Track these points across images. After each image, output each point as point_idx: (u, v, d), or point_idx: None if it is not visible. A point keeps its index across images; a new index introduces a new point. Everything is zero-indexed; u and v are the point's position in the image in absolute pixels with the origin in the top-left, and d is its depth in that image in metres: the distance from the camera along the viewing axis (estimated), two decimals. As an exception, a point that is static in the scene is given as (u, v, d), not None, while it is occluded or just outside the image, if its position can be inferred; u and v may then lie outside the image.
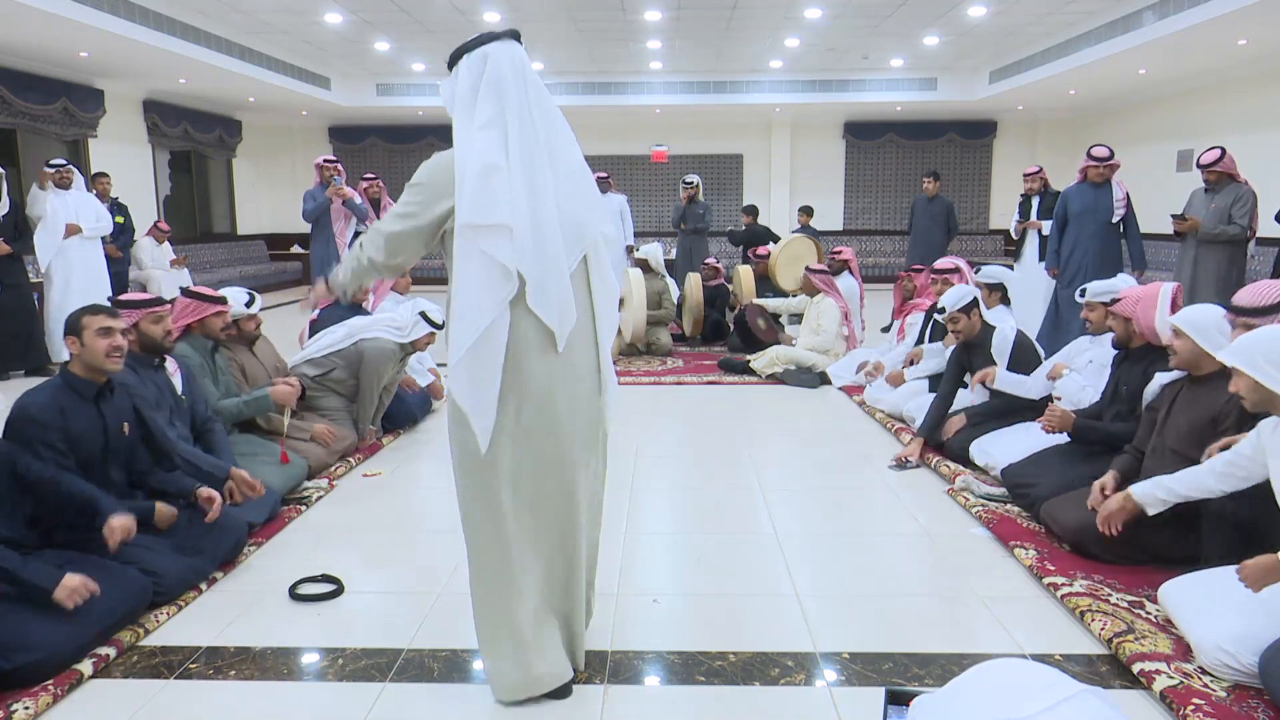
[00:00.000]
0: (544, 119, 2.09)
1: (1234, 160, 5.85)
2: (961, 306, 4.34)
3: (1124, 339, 3.51)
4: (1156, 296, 3.39)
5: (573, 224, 2.09)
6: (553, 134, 2.10)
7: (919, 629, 2.65)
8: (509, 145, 2.03)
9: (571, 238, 2.09)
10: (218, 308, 3.89)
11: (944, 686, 1.07)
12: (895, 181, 14.52)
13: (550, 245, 2.04)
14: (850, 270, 7.11)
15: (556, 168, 2.09)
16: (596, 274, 2.18)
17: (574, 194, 2.11)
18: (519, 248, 2.01)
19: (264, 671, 2.43)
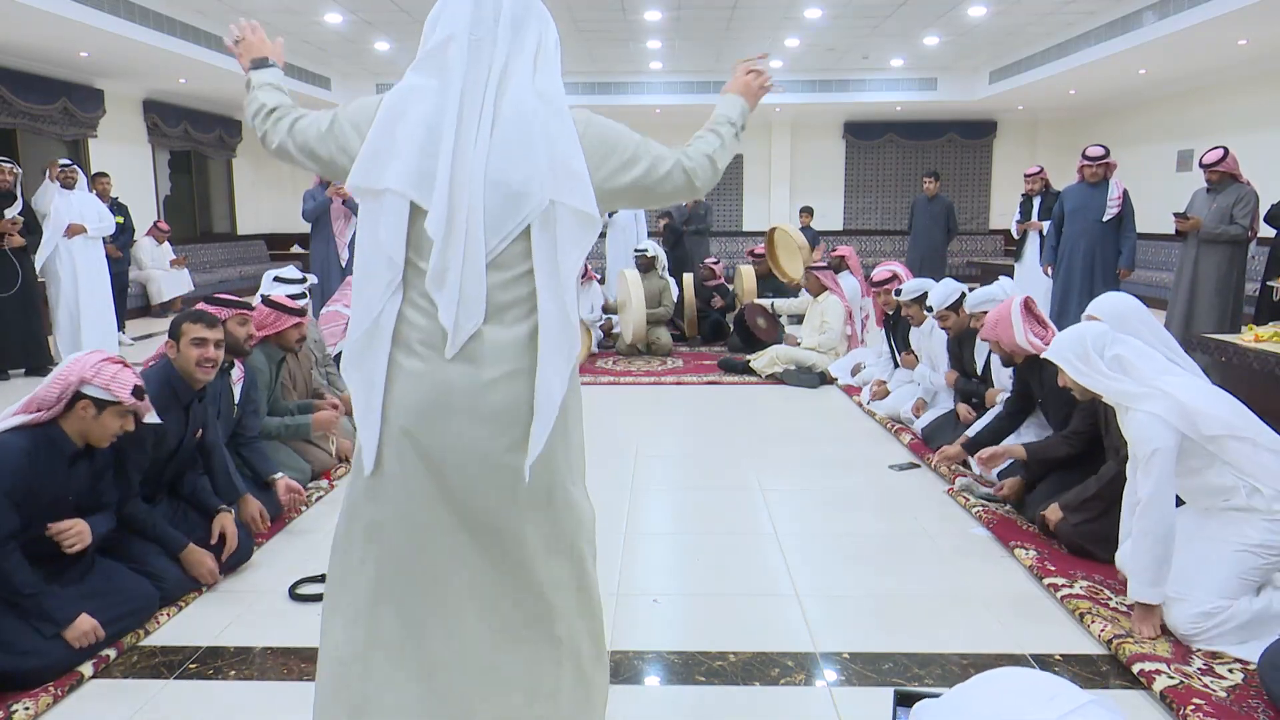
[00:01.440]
0: (511, 59, 1.58)
1: (1236, 160, 5.85)
2: (949, 304, 4.37)
3: (1006, 358, 3.62)
4: (1010, 316, 3.49)
5: (505, 190, 1.54)
6: (511, 78, 1.57)
7: (919, 629, 2.65)
8: (443, 81, 1.57)
9: (501, 209, 1.54)
10: (295, 320, 3.86)
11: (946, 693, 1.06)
12: (895, 181, 14.52)
13: (461, 222, 1.52)
14: (850, 269, 7.12)
15: (498, 119, 1.55)
16: (543, 260, 1.56)
17: (512, 149, 1.54)
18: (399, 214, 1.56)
19: (264, 671, 2.43)
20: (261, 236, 14.19)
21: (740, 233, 14.66)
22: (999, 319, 3.51)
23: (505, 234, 1.55)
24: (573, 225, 1.56)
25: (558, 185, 1.55)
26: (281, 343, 3.88)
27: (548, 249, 1.55)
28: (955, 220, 9.23)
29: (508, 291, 1.57)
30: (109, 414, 2.45)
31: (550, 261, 1.56)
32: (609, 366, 7.10)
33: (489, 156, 1.54)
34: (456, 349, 1.56)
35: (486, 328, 1.56)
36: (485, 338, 1.56)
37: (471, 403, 1.57)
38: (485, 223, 1.54)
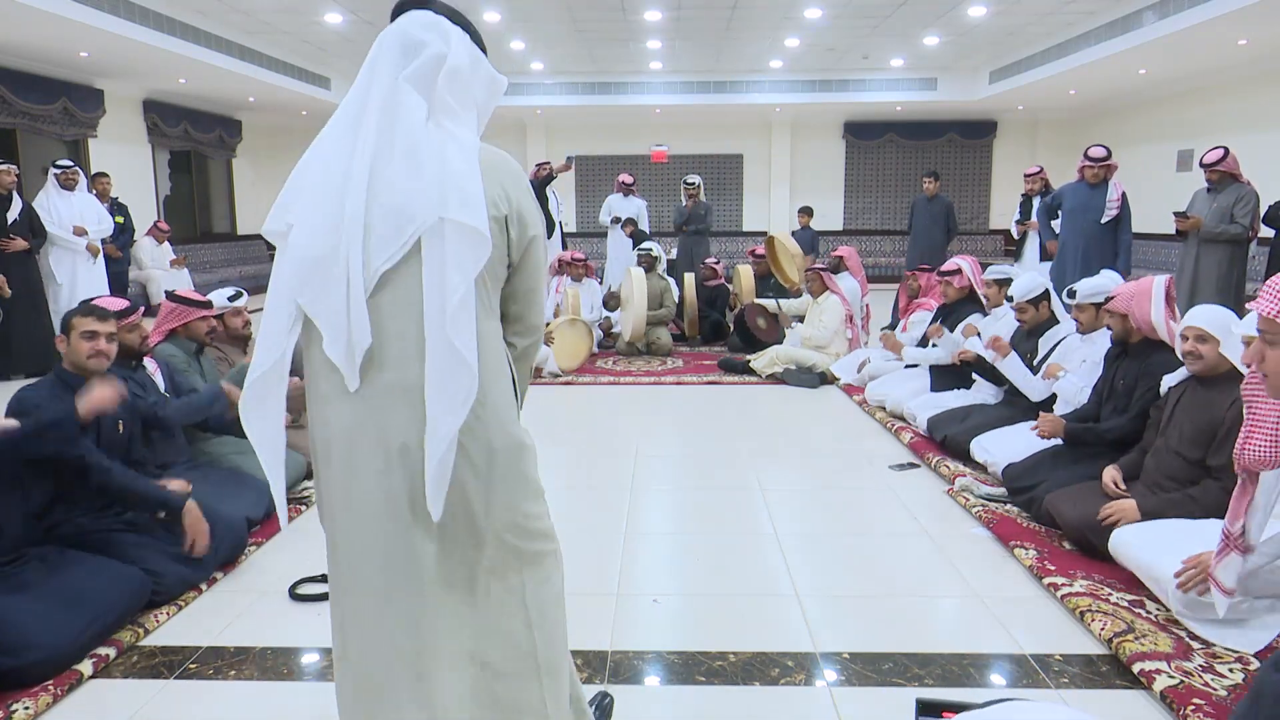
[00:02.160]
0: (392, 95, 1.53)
1: (1237, 160, 5.86)
2: (1031, 298, 4.33)
3: (1122, 335, 3.49)
4: (1150, 291, 3.38)
5: (392, 213, 1.48)
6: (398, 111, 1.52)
7: (919, 629, 2.65)
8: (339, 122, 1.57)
9: (387, 229, 1.48)
10: (201, 312, 3.90)
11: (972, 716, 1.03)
12: (895, 181, 14.52)
13: (341, 248, 1.48)
14: (849, 270, 7.12)
15: (386, 148, 1.51)
16: (431, 276, 1.47)
17: (405, 172, 1.49)
18: (298, 256, 1.52)
19: (264, 671, 2.43)
20: (261, 236, 14.16)
21: (740, 233, 14.66)
22: (1138, 291, 3.40)
23: (391, 252, 1.47)
24: (460, 242, 1.47)
25: (446, 199, 1.47)
26: (190, 334, 3.90)
27: (435, 272, 1.47)
28: (955, 220, 9.22)
29: (400, 316, 1.49)
30: (74, 336, 2.84)
31: (436, 286, 1.46)
32: (609, 366, 7.10)
33: (372, 181, 1.49)
34: (358, 381, 1.50)
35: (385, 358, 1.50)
36: (385, 370, 1.50)
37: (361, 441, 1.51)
38: (371, 244, 1.47)
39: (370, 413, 1.50)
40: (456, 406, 1.45)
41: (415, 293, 1.48)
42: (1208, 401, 2.91)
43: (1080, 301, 3.98)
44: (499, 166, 1.58)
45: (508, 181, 1.58)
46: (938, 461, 4.25)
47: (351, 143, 1.52)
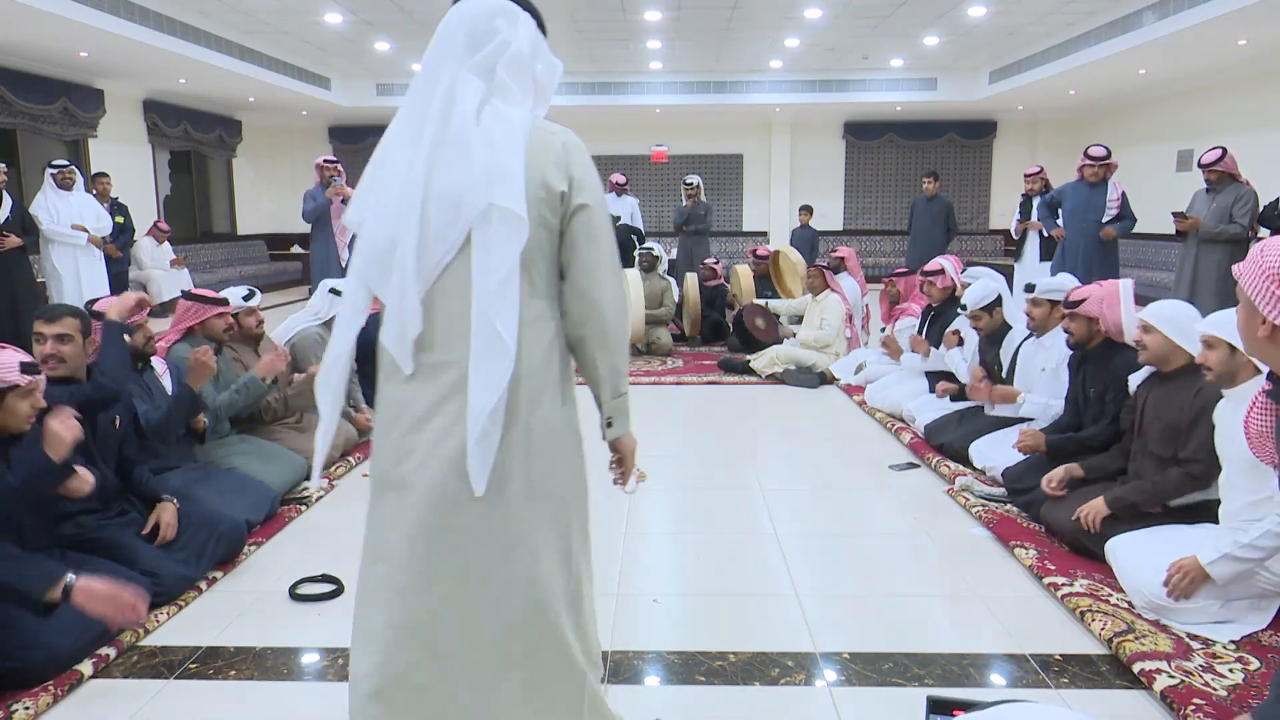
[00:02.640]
0: (455, 84, 1.58)
1: (1235, 160, 5.86)
2: (984, 305, 4.35)
3: (1084, 339, 3.54)
4: (1119, 293, 3.45)
5: (448, 202, 1.54)
6: (458, 101, 1.57)
7: (919, 629, 2.65)
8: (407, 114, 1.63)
9: (446, 217, 1.54)
10: (218, 309, 3.89)
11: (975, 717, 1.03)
12: (895, 181, 14.52)
13: (402, 236, 1.55)
14: (849, 270, 7.13)
15: (443, 141, 1.56)
16: (479, 262, 1.53)
17: (456, 160, 1.55)
18: (369, 247, 1.60)
19: (264, 671, 2.43)
20: (261, 236, 14.19)
21: (740, 233, 14.66)
22: (1107, 295, 3.45)
23: (450, 244, 1.55)
24: (502, 225, 1.52)
25: (491, 187, 1.52)
26: (208, 333, 3.88)
27: (482, 253, 1.53)
28: (955, 220, 9.23)
29: (456, 302, 1.56)
30: (12, 399, 2.41)
31: (483, 267, 1.53)
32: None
33: (432, 172, 1.55)
34: (412, 364, 1.58)
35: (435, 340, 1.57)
36: (435, 350, 1.57)
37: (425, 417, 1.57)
38: (430, 236, 1.54)
39: (419, 391, 1.58)
40: (494, 384, 1.52)
41: (468, 278, 1.54)
42: (1169, 398, 2.96)
43: (1037, 296, 3.98)
44: (549, 143, 1.60)
45: (559, 156, 1.59)
46: (937, 462, 4.25)
47: (417, 132, 1.58)
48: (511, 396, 1.55)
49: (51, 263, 7.00)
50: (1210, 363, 2.62)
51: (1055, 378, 3.89)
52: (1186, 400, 2.87)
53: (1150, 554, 2.67)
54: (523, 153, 1.55)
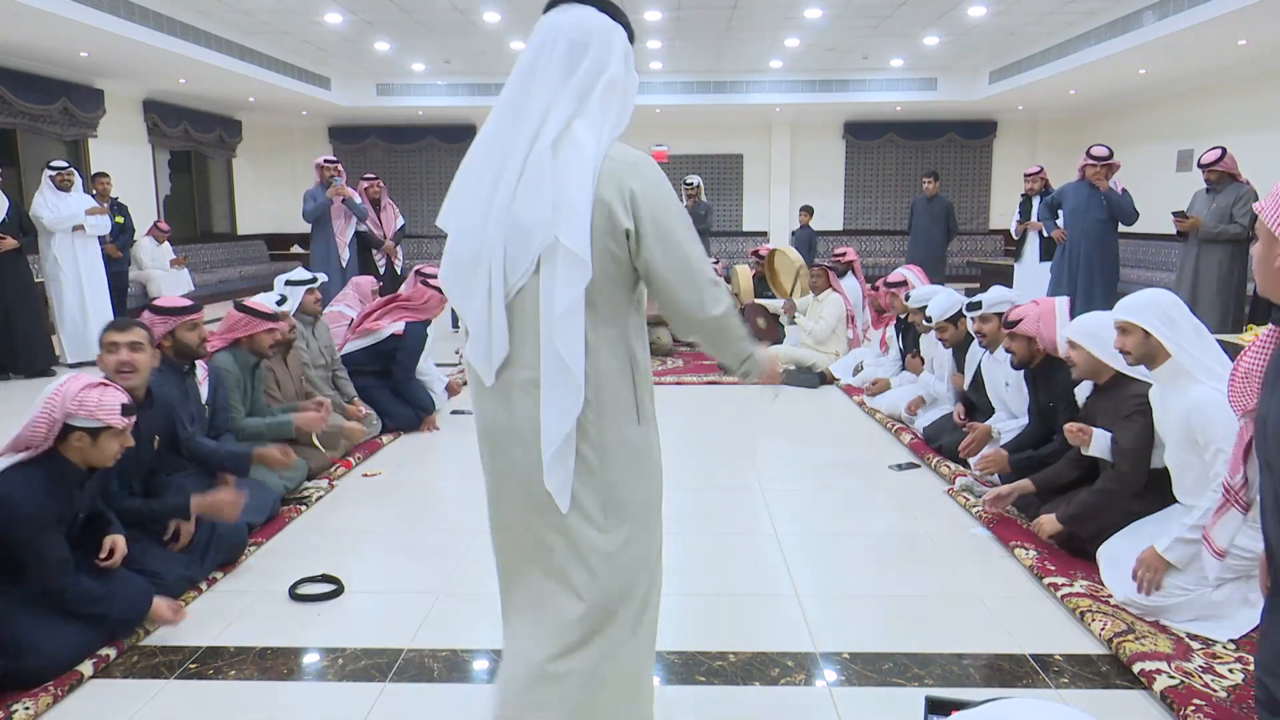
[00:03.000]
0: (550, 98, 1.61)
1: (1235, 160, 5.86)
2: (949, 316, 4.37)
3: (1025, 358, 3.58)
4: (1054, 312, 3.50)
5: (521, 231, 1.59)
6: (550, 119, 1.61)
7: (919, 629, 2.65)
8: (495, 127, 1.66)
9: (520, 245, 1.60)
10: (269, 324, 3.86)
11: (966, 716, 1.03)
12: (895, 181, 14.52)
13: (484, 256, 1.62)
14: (854, 271, 7.13)
15: (528, 161, 1.60)
16: (545, 292, 1.59)
17: (531, 192, 1.59)
18: (454, 258, 1.68)
19: (264, 671, 2.43)
20: (261, 236, 14.19)
21: (740, 233, 14.66)
22: (1043, 314, 3.50)
23: (522, 271, 1.61)
24: (563, 265, 1.57)
25: (559, 225, 1.56)
26: (254, 348, 3.86)
27: (548, 285, 1.59)
28: (955, 220, 9.24)
29: (531, 322, 1.62)
30: (104, 438, 2.42)
31: (548, 298, 1.59)
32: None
33: (514, 199, 1.60)
34: (494, 379, 1.66)
35: (517, 357, 1.64)
36: (518, 366, 1.64)
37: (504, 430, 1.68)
38: (508, 261, 1.61)
39: (502, 402, 1.67)
40: (564, 410, 1.60)
41: (538, 302, 1.61)
42: (1109, 407, 3.01)
43: (985, 312, 3.98)
44: (618, 173, 1.61)
45: (625, 187, 1.60)
46: (937, 462, 4.25)
47: (507, 146, 1.62)
48: (582, 417, 1.61)
49: (53, 262, 6.99)
50: (1128, 347, 2.73)
51: (1019, 391, 3.92)
52: (1123, 411, 2.93)
53: (1125, 559, 2.72)
54: (591, 190, 1.57)
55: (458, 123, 14.51)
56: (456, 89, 12.92)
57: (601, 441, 1.64)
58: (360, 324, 5.14)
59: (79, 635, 2.39)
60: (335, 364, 4.85)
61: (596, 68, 1.62)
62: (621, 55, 1.66)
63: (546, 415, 1.60)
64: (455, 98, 12.96)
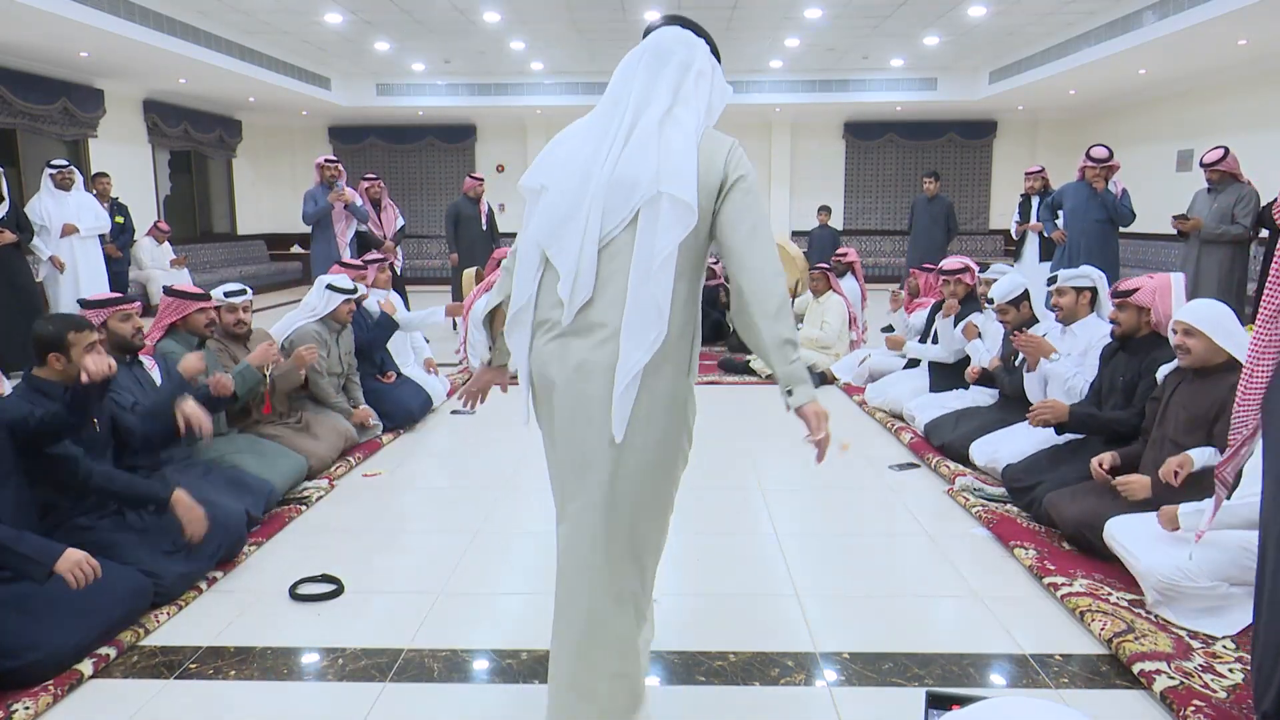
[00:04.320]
0: (645, 94, 1.88)
1: (1237, 160, 5.86)
2: (1011, 299, 4.34)
3: (1132, 329, 3.49)
4: (1171, 286, 3.42)
5: (624, 185, 1.81)
6: (647, 108, 1.88)
7: (919, 629, 2.65)
8: (600, 117, 1.94)
9: (620, 197, 1.81)
10: (198, 304, 3.89)
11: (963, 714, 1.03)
12: (895, 181, 14.52)
13: (582, 207, 1.83)
14: (854, 272, 7.12)
15: (632, 132, 1.86)
16: (642, 240, 1.79)
17: (634, 157, 1.83)
18: (549, 212, 1.87)
19: (264, 671, 2.43)
20: (261, 236, 14.19)
21: (740, 233, 14.65)
22: (1161, 286, 3.44)
23: (619, 219, 1.81)
24: (671, 212, 1.78)
25: (663, 179, 1.78)
26: (190, 328, 3.88)
27: (648, 234, 1.79)
28: (955, 220, 9.23)
29: (615, 271, 1.81)
30: (76, 351, 2.78)
31: (647, 246, 1.78)
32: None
33: (617, 164, 1.83)
34: (571, 318, 1.83)
35: (595, 301, 1.82)
36: (593, 310, 1.82)
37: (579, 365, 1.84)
38: (603, 213, 1.81)
39: (567, 349, 1.85)
40: (645, 345, 1.79)
41: (628, 253, 1.80)
42: (1203, 391, 2.95)
43: (1061, 285, 3.98)
44: (717, 146, 1.87)
45: (718, 154, 1.85)
46: (938, 462, 4.25)
47: (605, 127, 1.89)
48: (651, 364, 1.81)
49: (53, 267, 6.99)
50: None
51: (1080, 365, 3.86)
52: (1220, 393, 2.87)
53: (1151, 537, 2.68)
54: (695, 151, 1.82)
55: (458, 123, 14.51)
56: (456, 89, 12.92)
57: (657, 390, 1.86)
58: None
59: (77, 630, 2.39)
60: (350, 371, 4.84)
61: (684, 66, 1.91)
62: (706, 56, 1.96)
63: (626, 351, 1.78)
64: (455, 98, 12.96)
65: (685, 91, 1.90)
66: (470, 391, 2.24)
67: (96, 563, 2.36)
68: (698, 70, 1.92)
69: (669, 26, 1.99)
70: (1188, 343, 2.94)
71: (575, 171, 1.86)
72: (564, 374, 1.86)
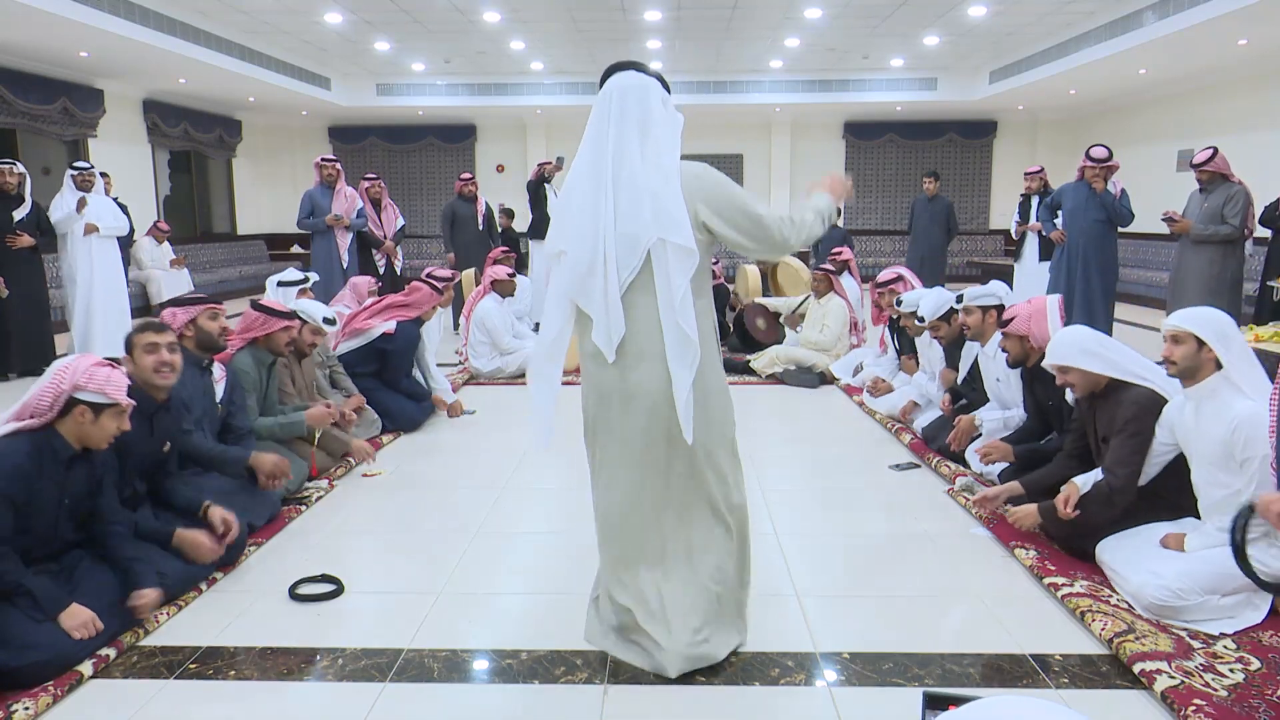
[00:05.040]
0: (619, 139, 2.23)
1: (1226, 160, 5.88)
2: (940, 315, 4.39)
3: (1020, 357, 3.55)
4: (1044, 310, 3.47)
5: (628, 238, 2.18)
6: (624, 154, 2.22)
7: (919, 629, 2.65)
8: (586, 177, 2.26)
9: (625, 251, 2.18)
10: (285, 323, 3.88)
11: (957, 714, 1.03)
12: (895, 181, 14.52)
13: (599, 264, 2.19)
14: (850, 271, 7.11)
15: (618, 186, 2.20)
16: (660, 279, 2.18)
17: (630, 210, 2.18)
18: (572, 270, 2.23)
19: (264, 671, 2.43)
20: (261, 236, 14.19)
21: (740, 233, 14.65)
22: (1034, 313, 3.48)
23: (632, 266, 2.20)
24: (674, 257, 2.17)
25: (661, 227, 2.16)
26: (270, 346, 3.88)
27: (663, 275, 2.18)
28: (955, 220, 9.23)
29: (644, 306, 2.22)
30: (106, 416, 2.48)
31: (665, 286, 2.18)
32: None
33: (616, 217, 2.19)
34: (613, 356, 2.24)
35: (635, 335, 2.21)
36: (634, 342, 2.22)
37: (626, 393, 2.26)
38: (618, 265, 2.19)
39: (624, 373, 2.25)
40: (687, 367, 2.19)
41: (651, 290, 2.21)
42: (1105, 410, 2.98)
43: (968, 304, 4.02)
44: (689, 180, 2.25)
45: (696, 187, 2.26)
46: (937, 462, 4.25)
47: (596, 183, 2.23)
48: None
49: (69, 266, 6.97)
50: (1175, 357, 2.67)
51: (1009, 386, 3.91)
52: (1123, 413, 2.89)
53: (1141, 557, 2.70)
54: (681, 198, 2.19)
55: (458, 123, 14.51)
56: (456, 89, 12.92)
57: (705, 386, 2.27)
58: (350, 323, 5.11)
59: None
60: (331, 361, 4.84)
61: (643, 105, 2.27)
62: (659, 98, 2.30)
63: (676, 375, 2.18)
64: (455, 98, 12.96)
65: (650, 127, 2.26)
66: None
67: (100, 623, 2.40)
68: (657, 106, 2.28)
69: (623, 72, 2.31)
70: (1066, 380, 3.01)
71: (586, 232, 2.22)
72: (624, 390, 2.26)
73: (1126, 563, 2.73)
